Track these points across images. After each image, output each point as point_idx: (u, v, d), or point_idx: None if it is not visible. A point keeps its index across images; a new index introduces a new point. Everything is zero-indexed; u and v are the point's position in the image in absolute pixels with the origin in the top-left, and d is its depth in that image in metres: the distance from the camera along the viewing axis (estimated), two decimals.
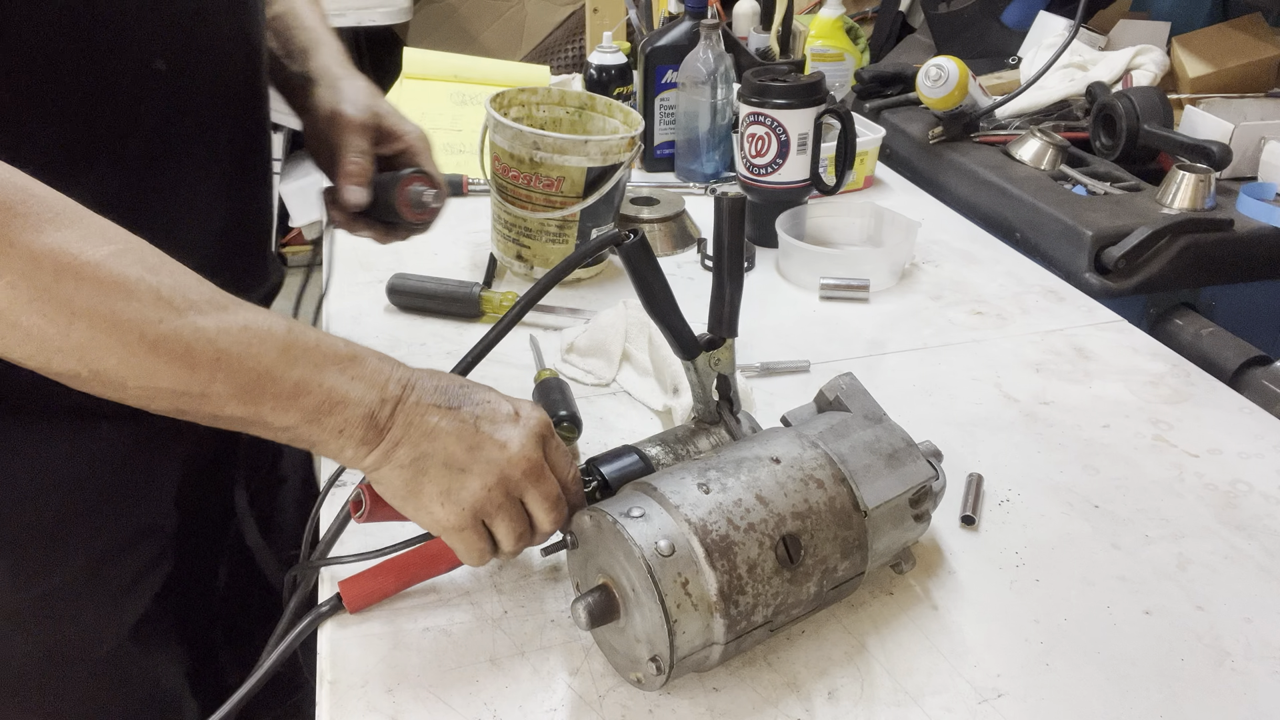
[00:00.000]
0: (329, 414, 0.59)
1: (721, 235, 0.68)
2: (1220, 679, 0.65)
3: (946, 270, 1.22)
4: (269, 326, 0.58)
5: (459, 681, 0.64)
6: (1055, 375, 0.99)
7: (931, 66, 1.45)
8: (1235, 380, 1.06)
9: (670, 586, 0.57)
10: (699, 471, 0.63)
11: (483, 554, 0.65)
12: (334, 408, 0.59)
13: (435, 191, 0.87)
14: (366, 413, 0.60)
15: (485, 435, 0.63)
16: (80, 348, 0.53)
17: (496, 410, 0.64)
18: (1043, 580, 0.73)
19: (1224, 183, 1.30)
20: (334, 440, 0.60)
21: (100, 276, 0.53)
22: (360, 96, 0.88)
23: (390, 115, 0.90)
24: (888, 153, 1.58)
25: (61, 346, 0.53)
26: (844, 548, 0.63)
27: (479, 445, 0.62)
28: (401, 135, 0.89)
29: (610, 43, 1.53)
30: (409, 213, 0.86)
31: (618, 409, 0.94)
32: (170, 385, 0.55)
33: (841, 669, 0.65)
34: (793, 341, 1.05)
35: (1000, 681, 0.64)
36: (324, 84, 0.89)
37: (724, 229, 0.68)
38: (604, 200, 1.11)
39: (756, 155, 1.21)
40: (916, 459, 0.69)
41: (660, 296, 0.68)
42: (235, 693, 0.65)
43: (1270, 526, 0.79)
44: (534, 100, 1.20)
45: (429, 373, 0.64)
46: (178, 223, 0.77)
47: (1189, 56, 1.56)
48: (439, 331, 1.06)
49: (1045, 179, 1.36)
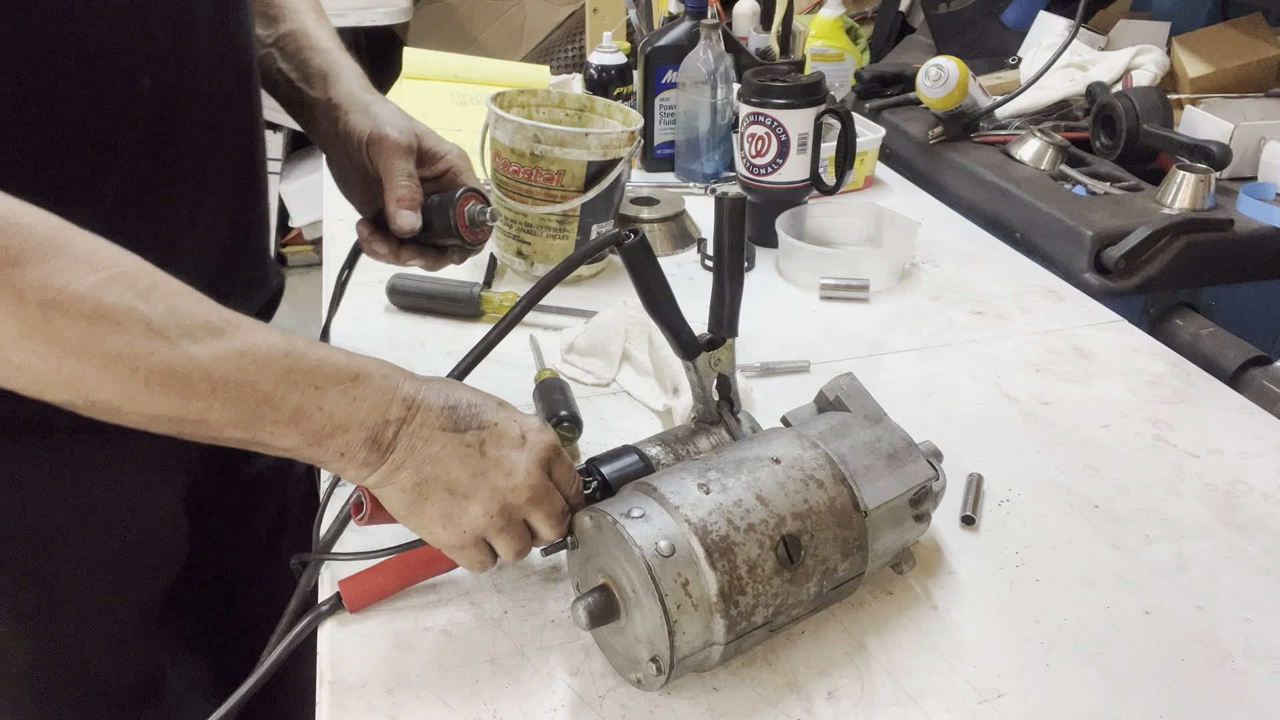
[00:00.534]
0: (330, 437, 0.58)
1: (722, 235, 0.68)
2: (1220, 679, 0.65)
3: (946, 270, 1.22)
4: (267, 350, 0.57)
5: (459, 681, 0.64)
6: (1055, 375, 0.99)
7: (931, 66, 1.45)
8: (1235, 380, 1.06)
9: (670, 587, 0.57)
10: (699, 472, 0.63)
11: (484, 565, 0.65)
12: (335, 431, 0.58)
13: (491, 209, 0.85)
14: (369, 436, 0.59)
15: (490, 461, 0.62)
16: (73, 381, 0.52)
17: (504, 433, 0.63)
18: (1043, 580, 0.73)
19: (1224, 183, 1.30)
20: (336, 461, 0.60)
21: (87, 310, 0.52)
22: (398, 119, 0.85)
23: (429, 136, 0.88)
24: (888, 153, 1.58)
25: (54, 380, 0.52)
26: (844, 548, 0.63)
27: (483, 472, 0.62)
28: (443, 155, 0.87)
29: (610, 43, 1.53)
30: (468, 233, 0.84)
31: (618, 409, 0.94)
32: (166, 414, 0.55)
33: (841, 669, 0.65)
34: (793, 341, 1.05)
35: (1000, 681, 0.64)
36: (355, 110, 0.86)
37: (725, 229, 0.68)
38: (604, 195, 1.11)
39: (756, 155, 1.22)
40: (917, 459, 0.69)
41: (661, 296, 0.68)
42: (235, 692, 0.65)
43: (1270, 526, 0.79)
44: (533, 102, 1.20)
45: (438, 387, 0.63)
46: (177, 237, 0.77)
47: (1189, 56, 1.56)
48: (439, 331, 1.06)
49: (1045, 179, 1.36)
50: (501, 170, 1.12)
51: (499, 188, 1.13)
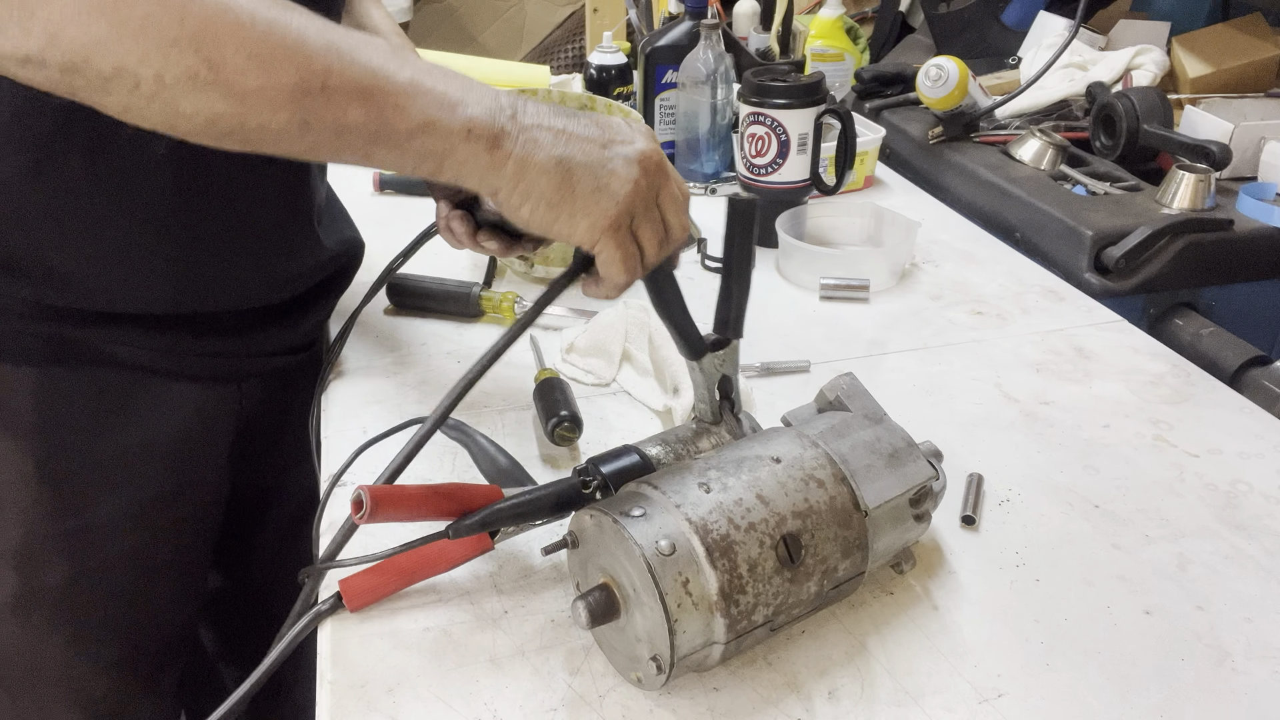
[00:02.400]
0: (453, 110, 0.57)
1: (733, 237, 0.68)
2: (1220, 679, 0.65)
3: (946, 270, 1.22)
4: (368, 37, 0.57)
5: (459, 681, 0.64)
6: (1055, 375, 0.99)
7: (931, 66, 1.45)
8: (1235, 380, 1.06)
9: (671, 586, 0.57)
10: (699, 471, 0.63)
11: (633, 260, 0.63)
12: (455, 106, 0.57)
13: None
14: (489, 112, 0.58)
15: (612, 134, 0.61)
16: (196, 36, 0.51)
17: (603, 118, 0.63)
18: (1043, 580, 0.73)
19: (1224, 183, 1.30)
20: (463, 145, 0.58)
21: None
22: None
23: None
24: (888, 153, 1.58)
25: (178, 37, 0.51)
26: (844, 547, 0.63)
27: (611, 142, 0.61)
28: None
29: (610, 43, 1.53)
30: None
31: (618, 409, 0.94)
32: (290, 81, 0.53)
33: (842, 669, 0.65)
34: (793, 341, 1.05)
35: (1000, 681, 0.64)
36: None
37: (736, 231, 0.68)
38: None
39: (756, 155, 1.21)
40: (917, 459, 0.69)
41: (672, 297, 0.68)
42: (236, 691, 0.65)
43: (1270, 526, 0.79)
44: None
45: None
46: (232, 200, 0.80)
47: (1189, 56, 1.56)
48: (439, 331, 1.06)
49: (1045, 179, 1.36)
50: None
51: None
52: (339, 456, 0.83)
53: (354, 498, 0.65)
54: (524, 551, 0.74)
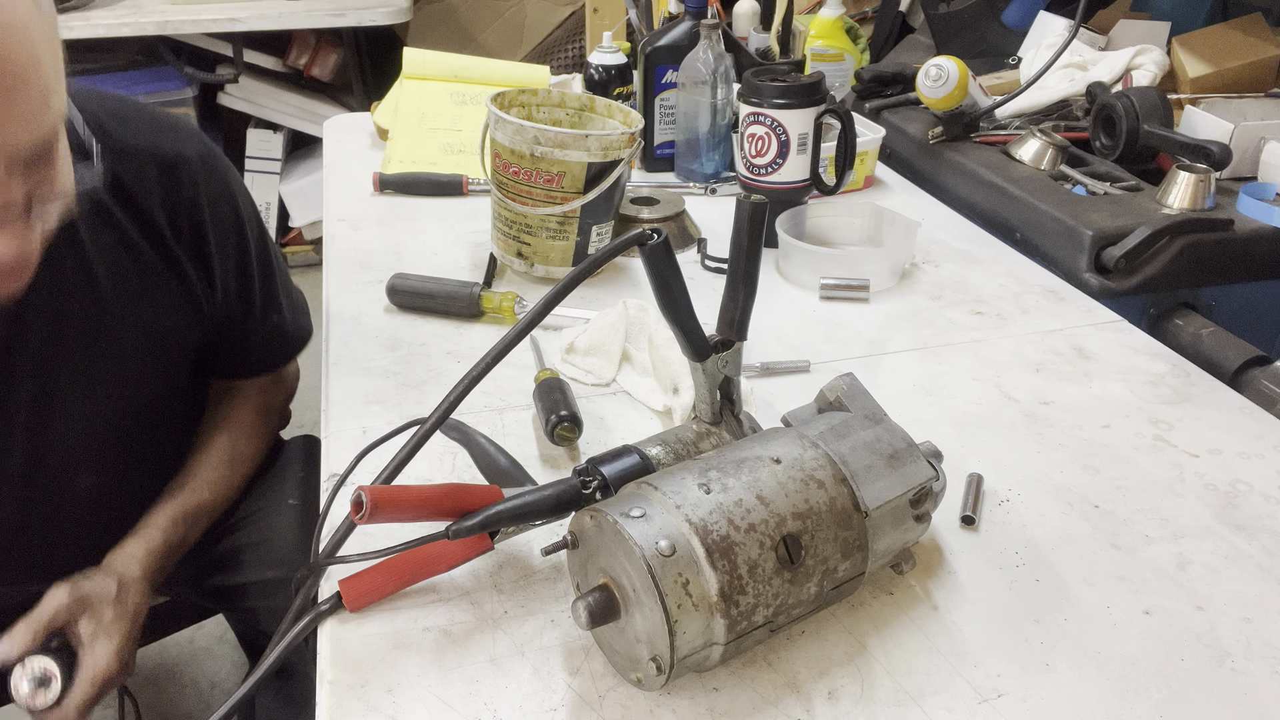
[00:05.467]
0: None
1: (741, 239, 0.68)
2: (1220, 679, 0.65)
3: (946, 270, 1.22)
4: None
5: (459, 681, 0.64)
6: (1055, 375, 0.99)
7: (931, 66, 1.45)
8: (1235, 380, 1.06)
9: (671, 586, 0.57)
10: (700, 471, 0.63)
11: None
12: None
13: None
14: None
15: None
16: None
17: None
18: (1043, 580, 0.73)
19: (1224, 183, 1.30)
20: None
21: None
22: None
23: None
24: (888, 153, 1.58)
25: None
26: (844, 548, 0.63)
27: None
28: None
29: (610, 43, 1.53)
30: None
31: (618, 409, 0.94)
32: None
33: (841, 669, 0.65)
34: (793, 341, 1.05)
35: (1000, 681, 0.64)
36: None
37: (744, 233, 0.68)
38: (604, 196, 1.11)
39: (756, 155, 1.21)
40: (917, 459, 0.69)
41: (679, 298, 0.68)
42: (236, 690, 0.65)
43: (1270, 526, 0.79)
44: (534, 101, 1.20)
45: None
46: None
47: (1189, 56, 1.56)
48: (439, 331, 1.06)
49: (1045, 179, 1.36)
50: (501, 171, 1.12)
51: (499, 188, 1.13)
52: (339, 457, 0.83)
53: (354, 498, 0.65)
54: (524, 552, 0.74)
